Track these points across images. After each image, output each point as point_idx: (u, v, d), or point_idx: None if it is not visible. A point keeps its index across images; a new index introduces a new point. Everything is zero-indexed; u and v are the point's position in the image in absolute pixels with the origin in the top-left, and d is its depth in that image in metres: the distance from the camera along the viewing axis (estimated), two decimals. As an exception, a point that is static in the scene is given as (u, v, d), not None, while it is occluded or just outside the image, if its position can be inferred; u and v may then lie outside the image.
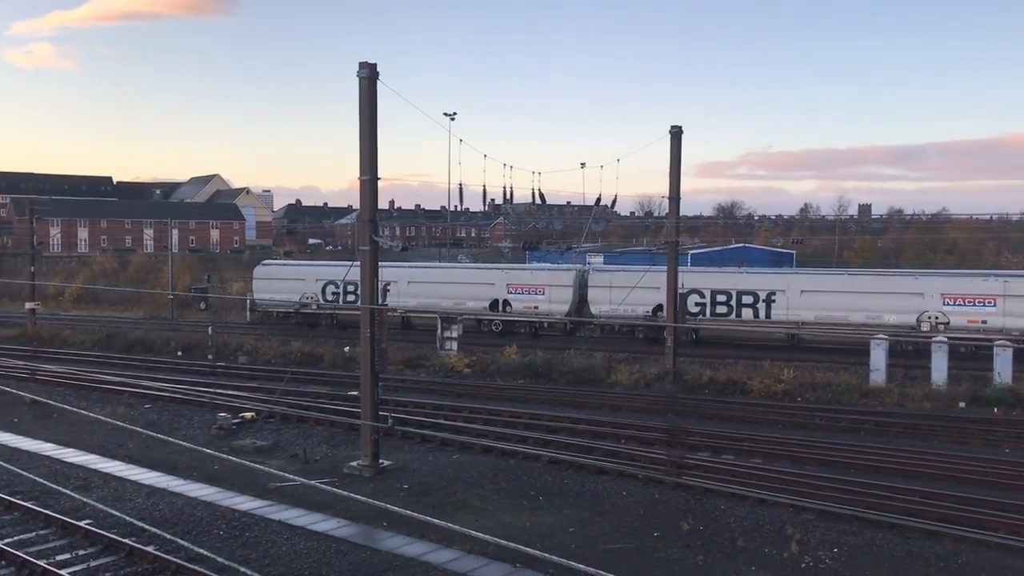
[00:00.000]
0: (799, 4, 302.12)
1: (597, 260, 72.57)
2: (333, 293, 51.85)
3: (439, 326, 42.07)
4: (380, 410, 21.47)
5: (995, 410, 28.97)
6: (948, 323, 38.99)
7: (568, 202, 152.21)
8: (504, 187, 29.41)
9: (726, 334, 42.61)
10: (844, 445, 23.83)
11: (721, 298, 43.17)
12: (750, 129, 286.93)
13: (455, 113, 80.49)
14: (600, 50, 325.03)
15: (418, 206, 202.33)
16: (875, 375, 32.79)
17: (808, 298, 41.57)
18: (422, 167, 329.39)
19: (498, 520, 17.49)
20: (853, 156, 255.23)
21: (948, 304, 39.12)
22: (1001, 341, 34.78)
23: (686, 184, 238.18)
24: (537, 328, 47.53)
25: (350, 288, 49.55)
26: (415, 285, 49.67)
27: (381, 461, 21.60)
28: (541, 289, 47.02)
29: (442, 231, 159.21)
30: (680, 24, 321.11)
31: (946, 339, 35.11)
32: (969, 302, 38.97)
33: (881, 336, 34.51)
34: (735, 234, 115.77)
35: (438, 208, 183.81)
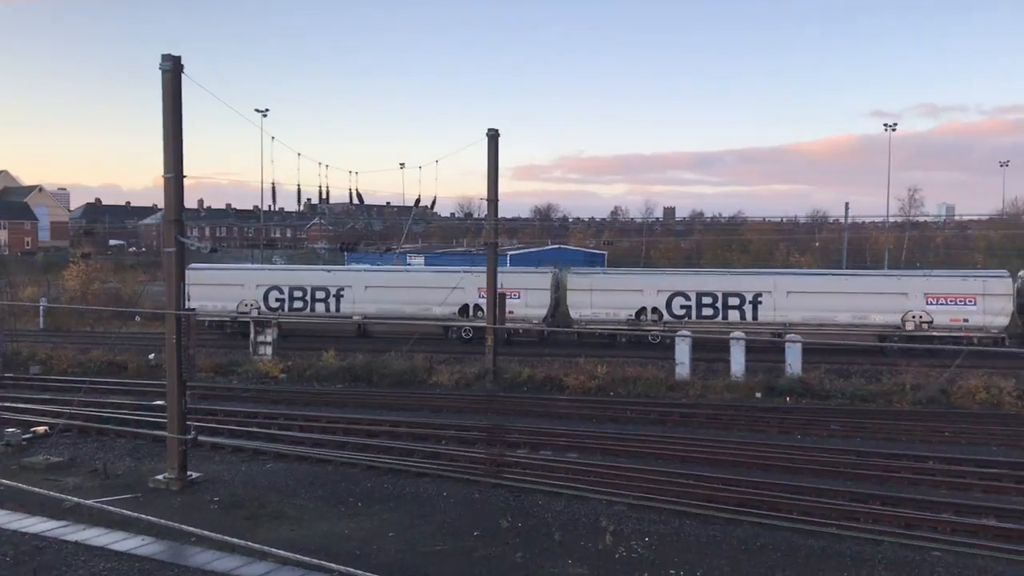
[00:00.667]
0: (607, 16, 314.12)
1: (418, 261, 72.44)
2: (278, 299, 47.42)
3: (252, 330, 40.64)
4: (188, 420, 20.42)
5: (787, 399, 31.21)
6: (932, 322, 40.42)
7: (388, 202, 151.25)
8: (320, 186, 28.81)
9: (708, 336, 41.40)
10: (653, 436, 24.91)
11: (707, 300, 42.76)
12: (564, 134, 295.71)
13: (267, 110, 78.07)
14: (418, 51, 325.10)
15: (229, 205, 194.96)
16: (680, 368, 34.50)
17: (795, 299, 41.85)
18: (233, 165, 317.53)
19: (315, 529, 17.05)
20: (658, 161, 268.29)
21: (931, 303, 40.58)
22: (791, 336, 37.47)
23: (504, 186, 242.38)
24: (510, 334, 44.59)
25: (297, 294, 47.20)
26: (373, 290, 46.51)
27: (190, 473, 20.56)
28: (517, 293, 44.36)
29: (255, 231, 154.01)
30: (498, 29, 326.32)
31: (743, 335, 37.39)
32: (951, 301, 40.50)
33: (739, 335, 35.82)
34: (551, 236, 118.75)
35: (251, 208, 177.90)
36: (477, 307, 44.77)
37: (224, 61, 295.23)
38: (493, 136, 34.72)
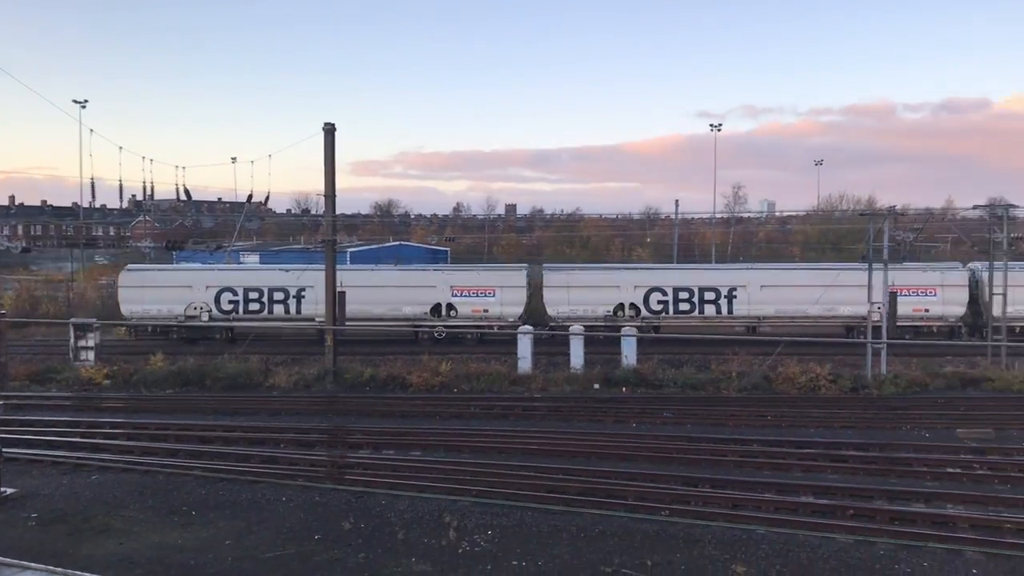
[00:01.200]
0: (444, 11, 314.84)
1: (252, 259, 70.09)
2: (231, 302, 44.35)
3: (71, 334, 38.17)
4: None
5: (623, 389, 32.27)
6: (897, 312, 41.25)
7: (219, 198, 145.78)
8: (144, 182, 27.39)
9: (686, 330, 42.16)
10: (496, 431, 25.18)
11: (684, 295, 43.05)
12: (403, 129, 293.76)
13: (86, 101, 73.51)
14: (252, 43, 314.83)
15: (44, 202, 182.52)
16: (522, 363, 35.04)
17: (768, 293, 42.54)
18: (49, 160, 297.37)
19: (145, 541, 16.21)
20: (498, 158, 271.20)
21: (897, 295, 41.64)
22: (626, 328, 38.74)
23: (343, 182, 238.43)
24: (483, 334, 43.90)
25: (253, 296, 44.19)
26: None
27: (3, 489, 19.12)
28: (491, 291, 43.65)
29: (75, 229, 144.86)
30: (335, 22, 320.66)
31: (582, 328, 38.34)
32: (914, 292, 42.10)
33: (579, 328, 36.57)
34: (392, 232, 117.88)
35: (69, 204, 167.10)
36: (450, 306, 43.84)
37: (40, 53, 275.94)
38: (329, 130, 34.09)
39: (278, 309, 44.15)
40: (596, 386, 32.79)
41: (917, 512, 17.60)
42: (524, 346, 35.46)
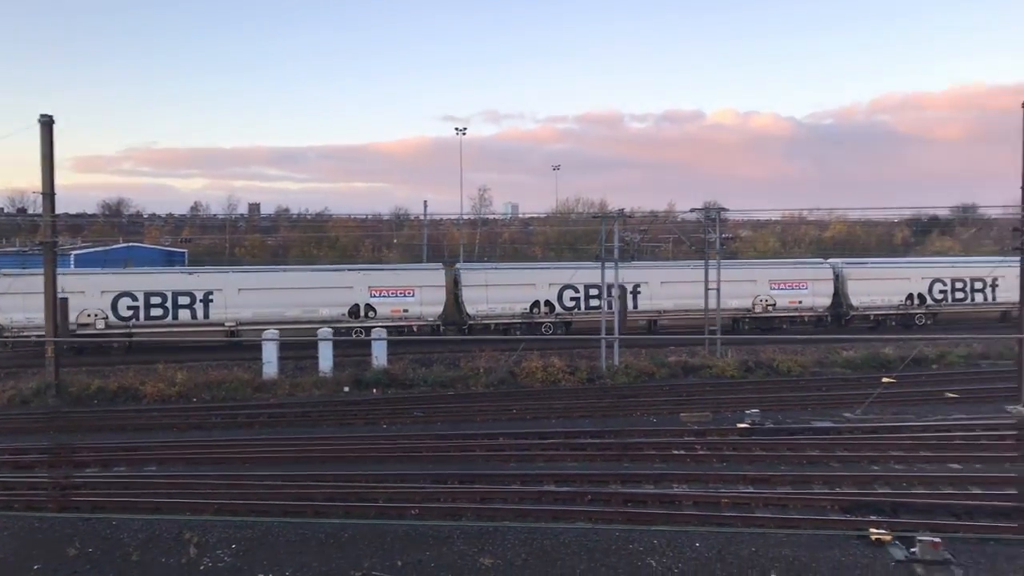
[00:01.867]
0: (162, 3, 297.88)
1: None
2: (130, 307, 41.14)
3: None
4: None
5: (374, 390, 32.16)
6: (775, 304, 46.65)
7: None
8: None
9: (595, 325, 41.88)
10: (240, 440, 24.20)
11: (593, 292, 44.15)
12: (131, 123, 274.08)
13: None
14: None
15: None
16: (267, 368, 33.94)
17: (667, 288, 45.72)
18: None
19: None
20: (239, 156, 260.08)
21: (774, 288, 46.90)
22: (377, 329, 38.65)
23: (64, 179, 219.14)
24: (405, 332, 43.34)
25: (155, 300, 41.28)
26: (248, 293, 42.00)
27: None
28: (411, 291, 43.62)
29: None
30: (49, 11, 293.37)
31: (330, 331, 37.77)
32: (789, 286, 47.09)
33: (326, 329, 36.55)
34: (123, 233, 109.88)
35: None
36: (369, 307, 43.23)
37: None
38: (47, 122, 31.19)
39: (183, 314, 41.62)
40: (346, 389, 32.43)
41: (647, 493, 18.97)
42: (269, 351, 34.35)
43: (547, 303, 45.24)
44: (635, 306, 45.93)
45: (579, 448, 23.03)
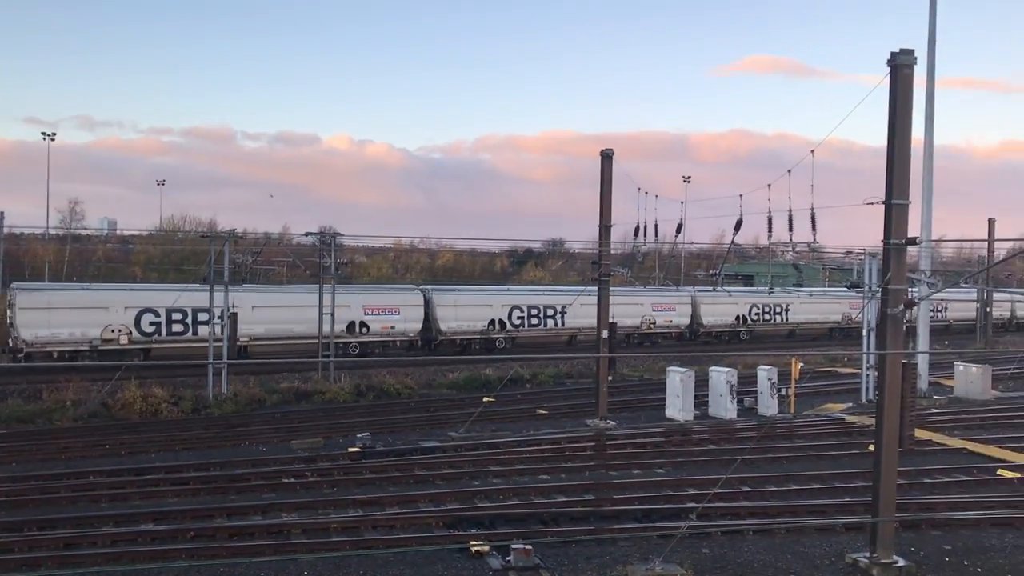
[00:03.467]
0: None
1: None
2: (153, 323, 41.64)
3: None
4: None
5: None
6: (369, 328, 48.09)
7: None
8: None
9: (537, 339, 54.57)
10: None
11: (534, 311, 53.69)
12: None
13: None
14: None
15: None
16: None
17: (583, 309, 48.53)
18: None
19: None
20: None
21: (368, 314, 48.04)
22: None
23: None
24: (389, 346, 49.08)
25: (176, 316, 42.30)
26: (261, 310, 44.25)
27: None
28: (396, 310, 49.02)
29: None
30: None
31: None
32: (384, 311, 48.87)
33: None
34: None
35: None
36: (363, 324, 47.66)
37: None
38: None
39: (203, 330, 39.06)
40: None
41: (256, 525, 18.34)
42: None
43: (500, 321, 52.36)
44: (562, 325, 53.93)
45: (181, 483, 21.66)
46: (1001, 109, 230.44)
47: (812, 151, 22.27)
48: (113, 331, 41.39)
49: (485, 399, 33.51)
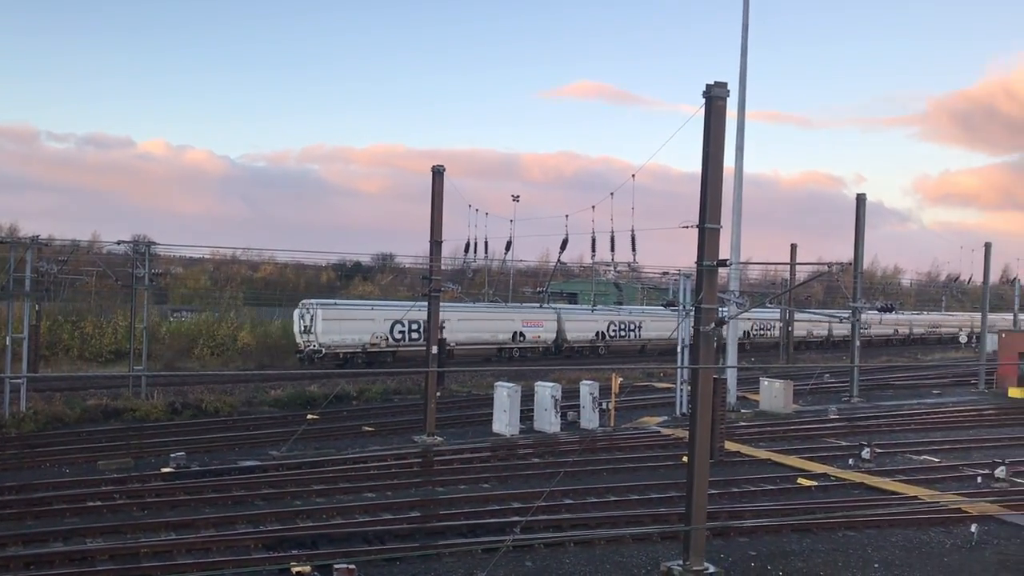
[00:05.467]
0: None
1: None
2: (400, 331, 53.67)
3: None
4: None
5: None
6: (526, 337, 61.39)
7: None
8: None
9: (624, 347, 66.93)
10: None
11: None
12: None
13: None
14: None
15: None
16: None
17: (463, 324, 56.08)
18: None
19: None
20: None
21: (527, 327, 61.59)
22: None
23: None
24: (535, 351, 62.66)
25: (414, 327, 53.50)
26: (463, 322, 56.28)
27: None
28: (540, 323, 63.25)
29: None
30: None
31: None
32: (536, 324, 62.42)
33: None
34: None
35: None
36: (521, 334, 61.07)
37: None
38: None
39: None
40: None
41: (56, 552, 17.09)
42: None
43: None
44: None
45: (-30, 509, 19.89)
46: (805, 142, 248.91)
47: (633, 175, 23.31)
48: (376, 338, 53.04)
49: (309, 416, 32.73)
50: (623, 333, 68.59)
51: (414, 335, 54.08)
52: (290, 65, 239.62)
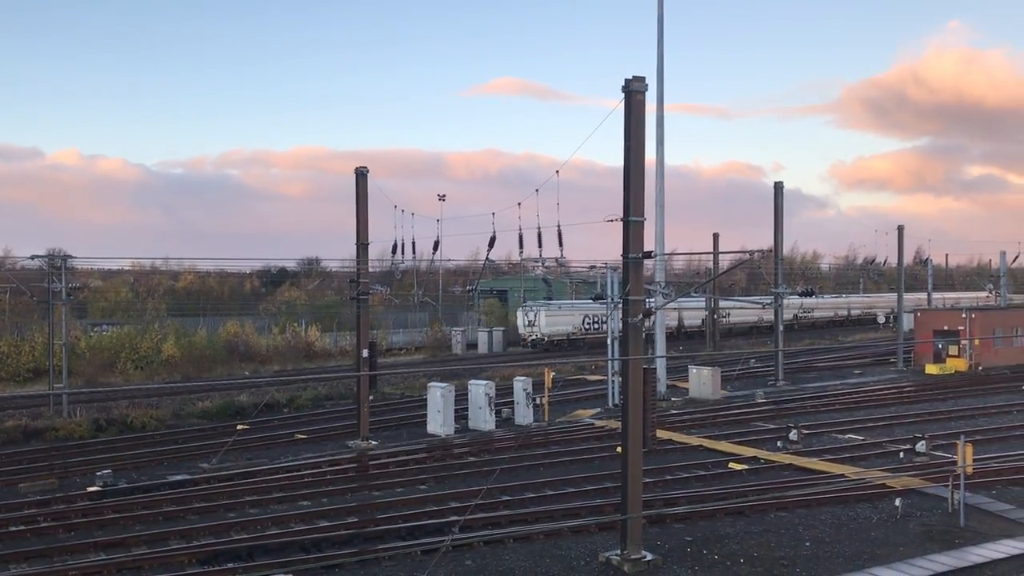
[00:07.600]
0: None
1: None
2: (587, 324, 67.30)
3: None
4: None
5: None
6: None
7: None
8: None
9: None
10: None
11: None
12: None
13: None
14: None
15: None
16: None
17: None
18: None
19: None
20: None
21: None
22: None
23: None
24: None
25: (596, 320, 66.36)
26: (551, 317, 66.33)
27: None
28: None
29: None
30: None
31: None
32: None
33: None
34: None
35: None
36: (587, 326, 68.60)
37: None
38: None
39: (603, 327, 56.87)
40: None
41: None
42: None
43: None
44: None
45: None
46: (724, 132, 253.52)
47: (557, 171, 23.49)
48: (575, 328, 66.66)
49: (239, 426, 32.13)
50: (597, 327, 68.77)
51: (595, 326, 67.09)
52: (206, 67, 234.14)
